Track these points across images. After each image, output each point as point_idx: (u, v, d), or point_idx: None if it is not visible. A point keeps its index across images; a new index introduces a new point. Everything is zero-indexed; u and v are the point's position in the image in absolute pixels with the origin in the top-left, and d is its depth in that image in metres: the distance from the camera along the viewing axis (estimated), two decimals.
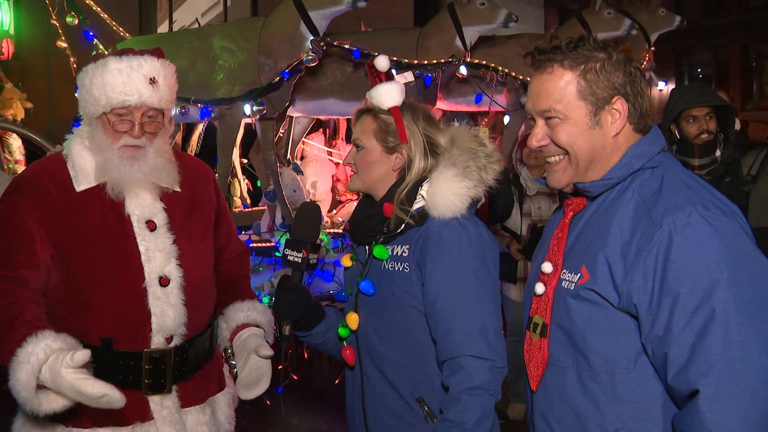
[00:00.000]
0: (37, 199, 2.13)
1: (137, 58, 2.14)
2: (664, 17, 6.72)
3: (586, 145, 1.66)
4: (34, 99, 6.85)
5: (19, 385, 1.91)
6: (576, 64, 1.64)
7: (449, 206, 2.02)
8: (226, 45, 5.49)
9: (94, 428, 2.12)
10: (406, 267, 2.04)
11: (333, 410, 4.80)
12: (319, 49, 5.21)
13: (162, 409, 2.17)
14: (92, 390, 1.89)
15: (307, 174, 7.03)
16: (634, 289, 1.54)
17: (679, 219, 1.51)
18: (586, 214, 1.70)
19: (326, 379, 5.27)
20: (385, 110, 2.13)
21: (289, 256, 2.10)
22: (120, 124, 2.11)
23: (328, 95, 5.98)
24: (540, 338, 1.72)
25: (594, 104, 1.65)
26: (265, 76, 5.36)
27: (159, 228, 2.18)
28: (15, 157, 5.74)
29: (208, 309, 2.35)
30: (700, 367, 1.45)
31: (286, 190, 5.95)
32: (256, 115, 5.45)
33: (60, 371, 1.88)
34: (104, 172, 2.13)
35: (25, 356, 1.92)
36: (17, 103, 6.25)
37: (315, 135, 7.47)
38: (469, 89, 6.20)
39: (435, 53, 5.78)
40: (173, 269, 2.18)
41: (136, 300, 2.13)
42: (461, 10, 5.72)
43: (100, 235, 2.13)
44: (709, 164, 3.82)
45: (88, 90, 2.11)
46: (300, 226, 2.13)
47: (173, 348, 2.19)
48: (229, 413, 2.40)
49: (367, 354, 2.12)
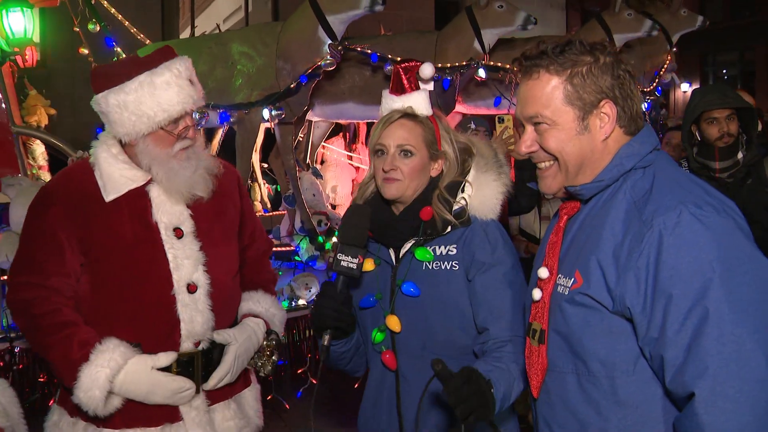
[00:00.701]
0: (66, 208, 2.17)
1: (173, 64, 2.17)
2: (686, 18, 6.64)
3: (575, 150, 1.64)
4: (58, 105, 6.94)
5: (95, 385, 2.03)
6: (562, 68, 1.62)
7: (491, 208, 2.14)
8: (244, 50, 5.53)
9: (123, 429, 2.18)
10: (454, 265, 2.09)
11: (352, 414, 4.78)
12: (337, 54, 5.22)
13: (191, 410, 2.22)
14: (175, 385, 2.12)
15: (327, 178, 7.04)
16: (627, 293, 1.51)
17: (669, 219, 1.48)
18: (580, 217, 1.68)
19: (346, 383, 5.27)
20: (426, 117, 2.18)
21: (343, 262, 1.97)
22: (179, 131, 2.18)
23: (346, 99, 5.99)
24: (539, 345, 1.70)
25: (582, 109, 1.62)
26: (283, 80, 5.38)
27: (186, 235, 2.22)
28: (38, 163, 5.81)
29: (234, 311, 2.41)
30: (695, 369, 1.42)
31: (306, 195, 5.96)
32: (275, 120, 5.47)
33: (148, 371, 2.10)
34: (169, 181, 2.18)
35: (104, 361, 2.05)
36: (41, 109, 6.34)
37: (335, 139, 7.49)
38: (488, 92, 6.18)
39: (453, 56, 5.77)
40: (201, 276, 2.22)
41: (164, 307, 2.18)
42: (479, 12, 5.70)
43: (129, 244, 2.17)
44: (731, 167, 3.76)
45: (134, 111, 2.12)
46: (352, 230, 2.01)
47: (201, 351, 2.24)
48: (257, 408, 2.46)
49: (406, 355, 2.13)
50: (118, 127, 2.16)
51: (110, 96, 2.15)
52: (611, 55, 1.63)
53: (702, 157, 3.82)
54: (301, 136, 6.59)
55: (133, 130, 2.14)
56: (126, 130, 2.15)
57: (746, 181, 3.70)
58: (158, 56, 2.19)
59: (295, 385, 5.12)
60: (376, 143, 2.16)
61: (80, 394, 2.04)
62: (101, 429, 2.17)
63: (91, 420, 2.15)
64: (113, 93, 2.14)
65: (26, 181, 4.52)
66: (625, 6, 6.22)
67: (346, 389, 5.25)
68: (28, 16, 5.79)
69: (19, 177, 4.63)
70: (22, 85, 6.30)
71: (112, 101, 2.14)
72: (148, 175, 2.20)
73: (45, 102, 6.46)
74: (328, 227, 5.85)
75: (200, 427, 2.21)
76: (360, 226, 2.02)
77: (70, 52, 6.56)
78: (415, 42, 6.05)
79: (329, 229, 5.81)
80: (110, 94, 2.15)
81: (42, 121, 6.39)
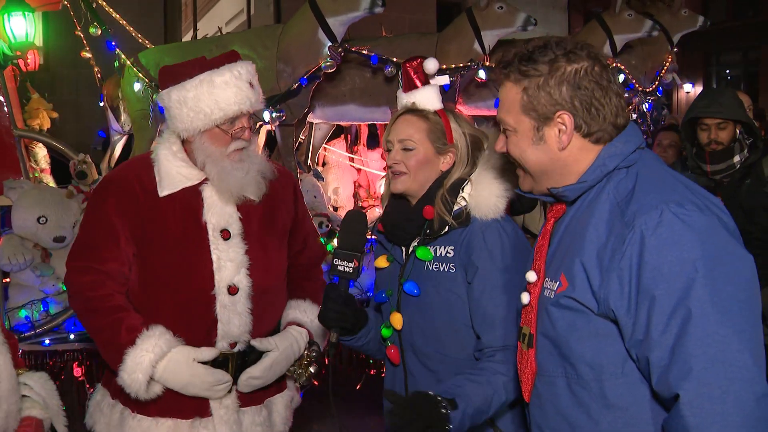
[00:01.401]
0: (123, 199, 2.27)
1: (235, 67, 2.27)
2: (687, 18, 6.62)
3: (533, 158, 1.66)
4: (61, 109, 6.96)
5: (138, 369, 2.12)
6: (521, 78, 1.62)
7: (492, 208, 2.10)
8: (245, 52, 5.52)
9: (156, 417, 2.26)
10: (451, 267, 2.10)
11: (354, 416, 4.80)
12: (337, 56, 5.23)
13: (221, 407, 2.28)
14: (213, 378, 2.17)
15: (329, 180, 7.05)
16: (611, 295, 1.50)
17: (650, 219, 1.47)
18: (566, 219, 1.68)
19: (348, 384, 5.27)
20: (433, 112, 2.19)
21: (339, 266, 2.09)
22: (234, 132, 2.24)
23: (347, 101, 5.99)
24: (528, 349, 1.70)
25: (536, 119, 1.63)
26: (283, 82, 5.39)
27: (233, 237, 2.28)
28: (40, 166, 5.83)
29: (276, 316, 2.46)
30: (680, 371, 1.41)
31: (307, 197, 5.96)
32: (276, 122, 5.48)
33: (189, 362, 2.15)
34: (220, 180, 2.25)
35: (150, 346, 2.13)
36: (43, 113, 6.35)
37: (336, 141, 7.49)
38: (488, 93, 6.17)
39: (454, 58, 5.77)
40: (243, 279, 2.27)
41: (204, 306, 2.25)
42: (479, 14, 5.70)
43: (177, 240, 2.26)
44: (724, 170, 3.79)
45: (193, 107, 2.21)
46: (348, 236, 2.12)
47: (236, 353, 2.29)
48: (285, 415, 2.50)
49: (411, 352, 2.18)
50: (177, 123, 2.26)
51: (173, 92, 2.25)
52: (588, 62, 1.59)
53: (697, 158, 3.87)
54: (302, 138, 6.59)
55: (190, 126, 2.23)
56: (184, 125, 2.24)
57: (744, 181, 3.71)
58: (223, 59, 2.30)
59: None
60: (385, 141, 2.24)
61: (124, 376, 2.13)
62: (136, 415, 2.26)
63: (129, 405, 2.25)
64: (176, 89, 2.25)
65: (28, 185, 4.53)
66: (626, 6, 6.21)
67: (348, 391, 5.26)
68: (29, 19, 5.80)
69: (21, 180, 4.64)
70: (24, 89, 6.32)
71: (174, 97, 2.25)
72: (203, 175, 2.28)
73: (47, 105, 6.47)
74: (329, 229, 5.85)
75: (227, 425, 2.26)
76: (356, 232, 2.11)
77: (72, 56, 6.58)
78: (416, 43, 6.05)
79: (330, 231, 5.82)
80: (173, 90, 2.26)
81: (44, 124, 6.40)
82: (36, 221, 4.25)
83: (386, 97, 5.93)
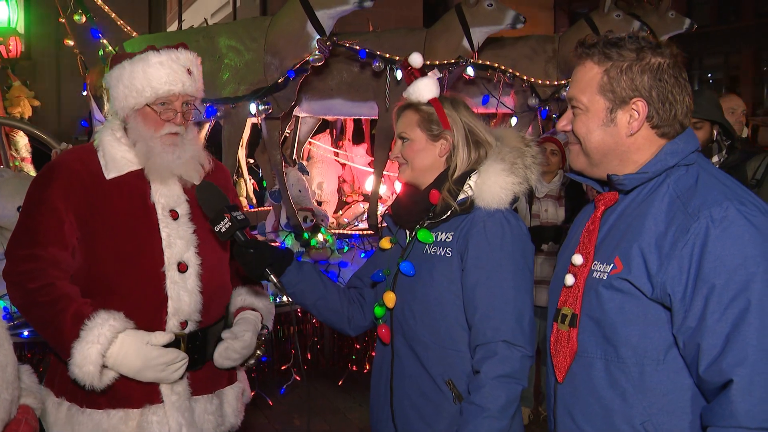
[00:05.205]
0: (68, 183, 2.25)
1: (174, 51, 2.29)
2: (674, 20, 6.67)
3: (597, 138, 1.72)
4: (43, 97, 6.88)
5: (87, 361, 2.08)
6: (605, 60, 1.70)
7: (495, 198, 2.13)
8: (232, 44, 5.49)
9: (107, 409, 2.22)
10: (448, 252, 2.13)
11: (336, 411, 4.78)
12: (325, 49, 5.20)
13: (172, 394, 2.25)
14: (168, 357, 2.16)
15: (313, 175, 7.02)
16: (669, 279, 1.56)
17: (716, 212, 1.54)
18: (619, 208, 1.74)
19: (329, 379, 5.25)
20: (426, 102, 2.25)
21: (222, 228, 2.14)
22: (164, 113, 2.25)
23: (334, 95, 5.97)
24: (569, 329, 1.74)
25: (612, 101, 1.69)
26: (271, 75, 5.35)
27: (181, 217, 2.29)
28: (21, 155, 5.74)
29: (223, 299, 2.45)
30: (735, 357, 1.47)
31: (292, 191, 5.94)
32: (262, 115, 5.44)
33: (142, 347, 2.13)
34: (147, 159, 2.25)
35: (94, 337, 2.09)
36: (25, 101, 6.27)
37: (322, 135, 7.46)
38: (476, 90, 6.18)
39: (442, 54, 5.76)
40: (192, 256, 2.29)
41: (154, 283, 2.24)
42: (469, 11, 5.70)
43: (125, 221, 2.24)
44: None
45: (127, 84, 2.24)
46: (208, 202, 2.19)
47: (187, 334, 2.27)
48: (236, 406, 2.47)
49: (400, 333, 2.20)
50: (115, 102, 2.28)
51: (114, 71, 2.29)
52: (671, 59, 1.68)
53: None
54: (288, 131, 6.56)
55: (125, 104, 2.25)
56: (120, 104, 2.26)
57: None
58: (169, 46, 2.31)
59: (279, 382, 5.11)
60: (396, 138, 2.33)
61: (75, 370, 2.09)
62: (85, 409, 2.21)
63: (76, 401, 2.21)
64: (117, 68, 2.28)
65: (8, 173, 4.46)
66: (614, 7, 6.25)
67: (330, 386, 5.25)
68: (12, 5, 5.72)
69: (2, 169, 4.57)
70: (5, 76, 6.22)
71: (114, 75, 2.28)
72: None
73: (29, 93, 6.38)
74: (313, 223, 5.83)
75: (179, 411, 2.23)
76: (210, 196, 2.20)
77: (55, 43, 6.51)
78: (404, 39, 6.03)
79: (315, 226, 5.79)
80: (115, 69, 2.29)
81: (26, 112, 6.32)
82: (16, 210, 4.18)
83: (373, 92, 5.90)
